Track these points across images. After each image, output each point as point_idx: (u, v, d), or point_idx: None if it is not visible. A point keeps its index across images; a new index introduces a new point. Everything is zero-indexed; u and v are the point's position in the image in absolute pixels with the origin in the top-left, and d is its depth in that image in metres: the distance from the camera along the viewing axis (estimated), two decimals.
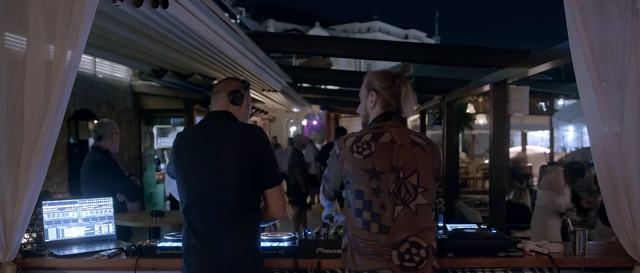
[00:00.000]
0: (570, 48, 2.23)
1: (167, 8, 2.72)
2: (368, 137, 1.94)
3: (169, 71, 6.00)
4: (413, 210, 1.89)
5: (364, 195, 1.89)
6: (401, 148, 1.91)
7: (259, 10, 58.40)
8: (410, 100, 2.02)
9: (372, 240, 1.88)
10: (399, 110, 2.02)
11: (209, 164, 1.96)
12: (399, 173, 1.89)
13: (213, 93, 2.16)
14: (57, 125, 2.13)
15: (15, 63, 2.12)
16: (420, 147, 1.94)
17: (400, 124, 1.99)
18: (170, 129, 9.78)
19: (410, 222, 1.88)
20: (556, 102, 20.06)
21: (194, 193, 1.98)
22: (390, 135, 1.94)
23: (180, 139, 2.09)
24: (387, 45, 8.87)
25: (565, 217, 4.46)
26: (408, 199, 1.89)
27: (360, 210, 1.90)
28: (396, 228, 1.87)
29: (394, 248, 1.86)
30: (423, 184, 1.91)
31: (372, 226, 1.88)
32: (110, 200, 2.81)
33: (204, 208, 1.96)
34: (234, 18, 37.37)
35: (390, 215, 1.87)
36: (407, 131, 1.98)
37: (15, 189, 2.14)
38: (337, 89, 12.52)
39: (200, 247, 1.96)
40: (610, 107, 2.21)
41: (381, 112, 2.01)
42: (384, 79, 2.02)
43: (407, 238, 1.87)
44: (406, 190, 1.89)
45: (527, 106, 5.02)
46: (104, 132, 3.73)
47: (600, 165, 2.25)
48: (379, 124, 1.99)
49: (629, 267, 2.34)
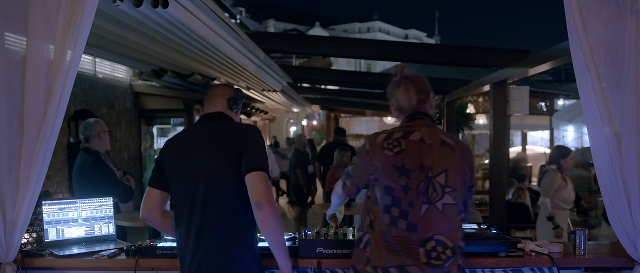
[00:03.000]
0: (570, 48, 2.23)
1: (167, 8, 2.72)
2: (398, 135, 1.97)
3: (169, 71, 6.00)
4: (439, 209, 1.90)
5: (393, 191, 1.91)
6: (430, 148, 1.93)
7: (259, 10, 58.45)
8: (410, 93, 2.02)
9: (401, 236, 1.89)
10: (416, 108, 2.03)
11: (210, 162, 1.96)
12: (427, 172, 1.91)
13: (209, 96, 2.16)
14: (57, 125, 2.13)
15: (15, 63, 2.12)
16: (450, 147, 1.96)
17: (430, 123, 2.02)
18: (170, 128, 9.78)
19: (436, 220, 1.90)
20: (556, 102, 20.06)
21: (192, 193, 1.97)
22: (420, 134, 1.96)
23: (173, 142, 2.11)
24: (387, 45, 8.87)
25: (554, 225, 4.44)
26: (435, 198, 1.90)
27: (389, 207, 1.91)
28: (423, 226, 1.89)
29: (421, 245, 1.88)
30: (451, 184, 1.92)
31: (400, 223, 1.90)
32: (110, 200, 2.81)
33: (202, 208, 1.95)
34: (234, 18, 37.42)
35: (418, 213, 1.89)
36: (438, 131, 2.01)
37: (15, 189, 2.14)
38: (337, 89, 12.52)
39: (195, 247, 1.96)
40: (610, 107, 2.21)
41: (405, 114, 2.05)
42: (389, 88, 2.10)
43: (432, 237, 1.89)
44: (433, 189, 1.91)
45: (527, 106, 5.03)
46: (90, 133, 3.64)
47: (600, 165, 2.25)
48: (409, 123, 2.02)
49: (629, 267, 2.34)
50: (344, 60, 44.50)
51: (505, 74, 4.76)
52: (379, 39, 49.53)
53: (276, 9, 77.84)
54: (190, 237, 1.98)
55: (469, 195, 2.02)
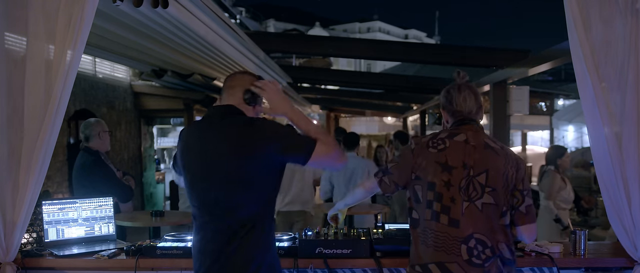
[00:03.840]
0: (571, 48, 2.23)
1: (167, 8, 2.73)
2: (444, 135, 2.01)
3: (169, 71, 6.00)
4: (479, 208, 1.92)
5: (435, 186, 1.93)
6: (473, 149, 1.96)
7: (259, 10, 58.44)
8: (467, 99, 2.05)
9: (443, 231, 1.91)
10: (464, 114, 2.05)
11: (220, 164, 1.84)
12: (469, 171, 1.93)
13: (225, 87, 1.98)
14: (57, 125, 2.13)
15: (15, 63, 2.12)
16: (493, 150, 1.98)
17: (477, 128, 2.04)
18: (170, 128, 9.78)
19: (476, 219, 1.91)
20: (556, 102, 20.07)
21: (206, 197, 1.87)
22: (465, 136, 2.00)
23: (188, 135, 1.96)
24: (387, 45, 8.88)
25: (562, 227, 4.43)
26: (475, 197, 1.92)
27: (431, 202, 1.93)
28: (464, 223, 1.90)
29: (464, 242, 1.89)
30: (491, 184, 1.93)
31: (441, 218, 1.91)
32: (110, 200, 2.80)
33: (217, 213, 1.85)
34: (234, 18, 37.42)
35: (459, 210, 1.91)
36: (483, 135, 2.03)
37: (15, 189, 2.14)
38: (337, 89, 12.53)
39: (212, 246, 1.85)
40: (610, 107, 2.21)
41: (457, 119, 2.07)
42: (442, 95, 2.13)
43: (472, 235, 1.90)
44: (473, 187, 1.93)
45: (527, 106, 5.03)
46: (90, 132, 3.65)
47: (600, 165, 2.25)
48: (455, 128, 2.05)
49: (629, 267, 2.34)
50: (344, 60, 44.51)
51: (505, 74, 4.76)
52: (379, 39, 49.54)
53: (276, 9, 77.85)
54: (207, 236, 1.88)
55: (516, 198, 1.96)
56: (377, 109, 15.62)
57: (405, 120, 15.22)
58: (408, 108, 12.69)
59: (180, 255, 2.34)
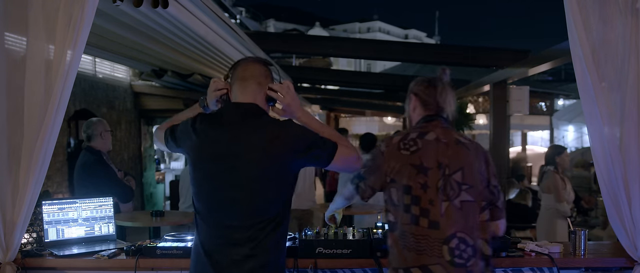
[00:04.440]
0: (570, 48, 2.23)
1: (167, 8, 2.73)
2: (414, 135, 1.98)
3: (169, 71, 6.01)
4: (458, 206, 1.91)
5: (412, 190, 1.91)
6: (446, 146, 1.95)
7: (259, 10, 58.46)
8: (448, 97, 2.05)
9: (423, 235, 1.89)
10: (440, 110, 2.04)
11: (244, 170, 1.78)
12: (445, 170, 1.92)
13: (237, 77, 1.88)
14: (57, 125, 2.12)
15: (15, 63, 2.12)
16: (464, 146, 1.97)
17: (445, 125, 2.03)
18: None
19: (456, 218, 1.90)
20: (556, 102, 20.05)
21: (222, 197, 1.80)
22: (435, 134, 1.98)
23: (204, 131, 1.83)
24: (387, 45, 8.88)
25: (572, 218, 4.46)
26: (453, 195, 1.91)
27: (409, 206, 1.91)
28: (445, 224, 1.89)
29: (444, 243, 1.88)
30: (467, 181, 1.93)
31: (421, 221, 1.89)
32: (110, 200, 2.80)
33: (230, 216, 1.79)
34: (234, 18, 37.40)
35: (438, 211, 1.89)
36: (453, 132, 2.01)
37: (15, 189, 2.14)
38: (337, 89, 12.53)
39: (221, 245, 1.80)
40: (610, 107, 2.21)
41: (424, 114, 2.05)
42: (421, 82, 2.10)
43: (454, 234, 1.89)
44: (451, 186, 1.91)
45: (527, 106, 5.04)
46: (93, 132, 3.67)
47: (600, 165, 2.25)
48: (423, 125, 2.03)
49: (629, 267, 2.34)
50: (344, 60, 44.50)
51: (505, 74, 4.77)
52: (379, 39, 49.55)
53: (276, 9, 77.86)
54: (221, 237, 1.81)
55: (494, 195, 1.98)
56: (377, 109, 15.62)
57: (405, 120, 15.20)
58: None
59: (180, 255, 2.34)
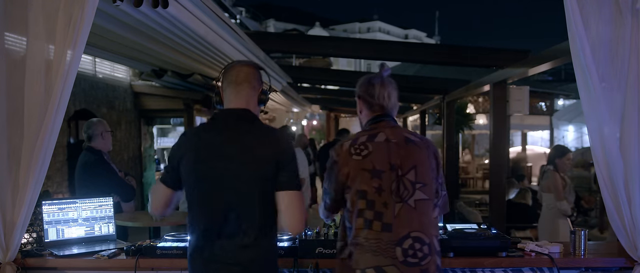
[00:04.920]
0: (570, 48, 2.23)
1: (167, 8, 2.73)
2: (364, 139, 1.97)
3: (169, 71, 6.00)
4: (412, 206, 1.91)
5: (366, 194, 1.90)
6: (396, 146, 1.94)
7: (259, 10, 58.46)
8: (387, 92, 2.03)
9: (375, 238, 1.88)
10: (385, 110, 2.04)
11: (237, 172, 1.83)
12: (397, 171, 1.91)
13: (230, 82, 1.92)
14: (57, 125, 2.12)
15: (15, 63, 2.12)
16: (415, 144, 1.97)
17: (393, 124, 2.02)
18: (170, 129, 9.78)
19: (410, 218, 1.90)
20: (556, 102, 20.05)
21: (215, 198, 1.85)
22: (385, 134, 1.97)
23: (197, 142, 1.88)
24: (387, 45, 8.86)
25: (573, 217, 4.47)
26: (406, 196, 1.91)
27: (363, 210, 1.91)
28: (397, 226, 1.88)
29: (397, 244, 1.87)
30: (421, 180, 1.93)
31: (374, 225, 1.89)
32: (110, 200, 2.81)
33: (226, 218, 1.84)
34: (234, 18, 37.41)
35: (392, 213, 1.89)
36: (401, 130, 2.01)
37: (15, 189, 2.14)
38: (337, 89, 12.52)
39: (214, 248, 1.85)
40: (610, 107, 2.21)
41: (371, 116, 2.05)
42: (362, 83, 2.09)
43: (408, 234, 1.88)
44: (404, 187, 1.91)
45: (527, 106, 5.03)
46: (93, 132, 3.69)
47: (600, 165, 2.25)
48: (372, 126, 2.02)
49: (629, 267, 2.34)
50: (344, 60, 44.50)
51: (505, 74, 4.76)
52: (379, 39, 49.52)
53: (276, 9, 77.84)
54: (207, 240, 1.86)
55: (440, 192, 2.00)
56: None
57: (405, 120, 15.22)
58: (408, 108, 12.69)
59: (180, 255, 2.33)
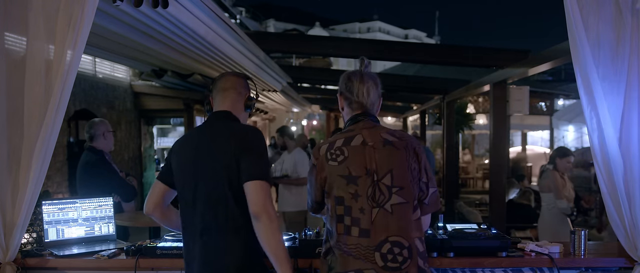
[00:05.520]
0: (570, 48, 2.23)
1: (167, 8, 2.73)
2: (340, 143, 1.94)
3: (169, 71, 6.00)
4: (389, 210, 1.88)
5: (344, 201, 1.89)
6: (373, 150, 1.91)
7: (259, 10, 58.45)
8: (365, 88, 1.99)
9: (355, 244, 1.87)
10: (364, 107, 2.01)
11: (209, 164, 1.93)
12: (373, 176, 1.89)
13: (218, 89, 2.09)
14: (57, 125, 2.12)
15: (15, 63, 2.12)
16: (392, 145, 1.93)
17: (372, 124, 1.98)
18: (170, 129, 9.78)
19: (387, 223, 1.87)
20: (556, 102, 20.02)
21: (193, 195, 1.95)
22: (362, 137, 1.94)
23: (182, 141, 2.07)
24: (387, 45, 8.86)
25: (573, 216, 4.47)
26: (382, 201, 1.88)
27: (341, 216, 1.90)
28: (375, 231, 1.87)
29: (376, 250, 1.86)
30: (398, 183, 1.89)
31: (353, 230, 1.88)
32: (110, 200, 2.81)
33: (202, 210, 1.93)
34: (234, 18, 37.40)
35: (369, 219, 1.87)
36: (380, 130, 1.97)
37: (15, 189, 2.14)
38: (337, 89, 12.51)
39: (195, 248, 1.95)
40: (610, 107, 2.21)
41: (351, 115, 2.03)
42: (342, 79, 2.07)
43: (386, 239, 1.86)
44: (380, 192, 1.88)
45: (527, 106, 5.03)
46: (95, 132, 3.71)
47: (600, 165, 2.25)
48: (350, 127, 1.99)
49: (629, 267, 2.34)
50: (344, 60, 44.45)
51: (505, 74, 4.76)
52: (379, 39, 49.52)
53: (276, 9, 77.89)
54: (191, 238, 1.97)
55: (422, 192, 1.94)
56: None
57: (405, 120, 15.22)
58: (408, 108, 12.70)
59: (180, 255, 2.33)
